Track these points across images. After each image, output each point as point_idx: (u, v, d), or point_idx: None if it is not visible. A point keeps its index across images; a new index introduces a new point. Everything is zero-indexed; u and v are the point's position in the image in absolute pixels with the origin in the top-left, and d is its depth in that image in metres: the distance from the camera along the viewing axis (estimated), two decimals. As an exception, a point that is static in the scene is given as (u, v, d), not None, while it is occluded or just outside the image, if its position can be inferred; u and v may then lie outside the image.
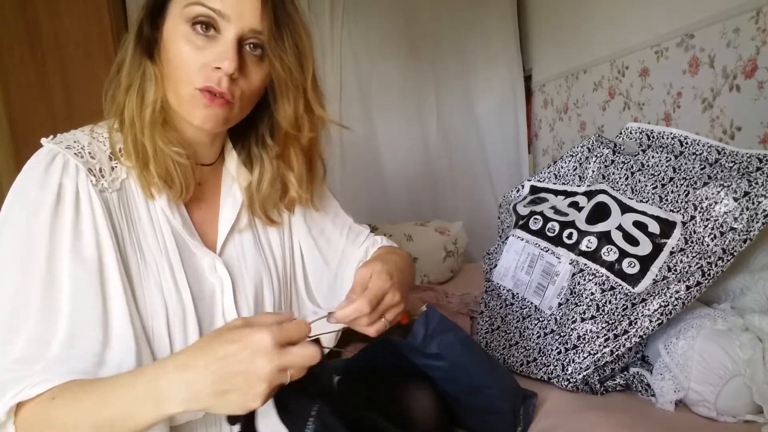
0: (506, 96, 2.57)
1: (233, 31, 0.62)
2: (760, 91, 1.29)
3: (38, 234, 0.59)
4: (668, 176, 1.13)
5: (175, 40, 0.63)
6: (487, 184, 2.61)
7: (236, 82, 0.64)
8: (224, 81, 0.62)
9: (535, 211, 1.37)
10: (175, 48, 0.63)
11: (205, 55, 0.62)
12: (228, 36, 0.62)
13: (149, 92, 0.65)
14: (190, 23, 0.62)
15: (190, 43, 0.62)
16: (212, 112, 0.64)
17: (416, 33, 2.50)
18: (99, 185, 0.63)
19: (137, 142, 0.64)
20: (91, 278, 0.60)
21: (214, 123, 0.65)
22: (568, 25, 2.17)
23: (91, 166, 0.63)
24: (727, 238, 0.97)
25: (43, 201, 0.59)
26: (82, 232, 0.60)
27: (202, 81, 0.62)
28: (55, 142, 0.64)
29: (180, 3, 0.63)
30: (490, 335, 1.29)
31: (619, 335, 1.01)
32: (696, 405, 0.93)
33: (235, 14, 0.61)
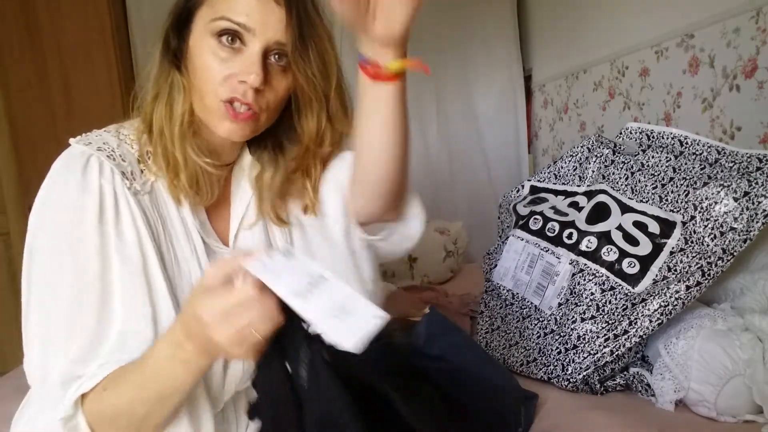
0: (506, 96, 2.57)
1: (259, 44, 0.62)
2: (760, 91, 1.29)
3: (88, 238, 0.60)
4: (668, 176, 1.13)
5: (200, 53, 0.64)
6: (487, 184, 2.61)
7: (262, 94, 0.64)
8: (250, 93, 0.63)
9: (535, 211, 1.37)
10: (201, 60, 0.64)
11: (230, 66, 0.63)
12: (253, 49, 0.62)
13: (177, 103, 0.65)
14: (216, 36, 0.63)
15: (216, 55, 0.63)
16: (238, 126, 0.65)
17: (416, 33, 2.46)
18: (132, 188, 0.64)
19: (167, 151, 0.65)
20: (137, 279, 0.61)
21: (240, 135, 0.66)
22: (568, 25, 2.17)
23: (123, 169, 0.64)
24: (727, 238, 0.97)
25: (86, 204, 0.60)
26: (124, 234, 0.62)
27: (227, 93, 0.63)
28: (85, 143, 0.64)
29: (205, 17, 0.64)
30: (490, 335, 1.29)
31: (619, 335, 1.01)
32: (696, 405, 0.93)
33: (260, 28, 0.62)
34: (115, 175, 0.63)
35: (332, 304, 0.48)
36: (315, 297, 0.48)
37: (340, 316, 0.47)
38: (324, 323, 0.47)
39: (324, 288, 0.49)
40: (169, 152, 0.65)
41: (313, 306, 0.48)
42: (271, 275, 0.49)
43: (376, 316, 0.48)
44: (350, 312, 0.48)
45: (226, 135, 0.65)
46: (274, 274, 0.49)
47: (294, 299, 0.48)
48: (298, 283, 0.49)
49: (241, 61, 0.63)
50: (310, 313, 0.47)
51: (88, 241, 0.60)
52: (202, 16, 0.64)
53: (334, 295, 0.49)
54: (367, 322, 0.47)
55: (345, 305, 0.48)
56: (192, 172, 0.66)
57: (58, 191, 0.62)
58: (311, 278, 0.50)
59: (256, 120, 0.66)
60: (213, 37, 0.63)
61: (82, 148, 0.64)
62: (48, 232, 0.61)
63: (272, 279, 0.48)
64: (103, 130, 0.68)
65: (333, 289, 0.50)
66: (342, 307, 0.48)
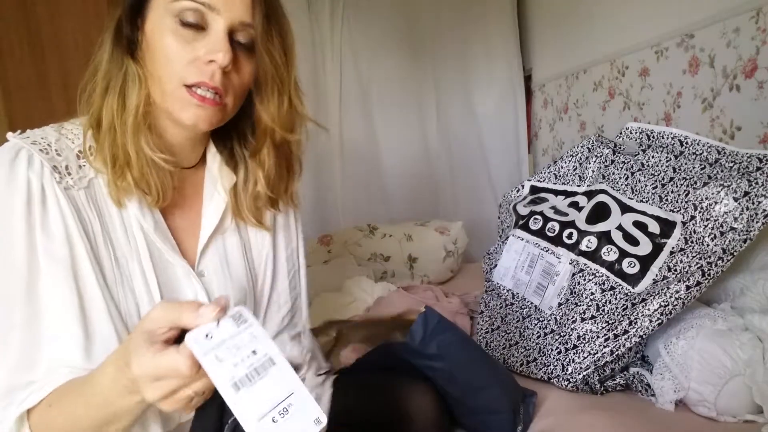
0: (506, 96, 2.57)
1: (223, 22, 0.60)
2: (760, 91, 1.29)
3: (16, 237, 0.57)
4: (668, 176, 1.13)
5: (160, 36, 0.60)
6: (487, 184, 2.61)
7: (228, 77, 0.62)
8: (217, 75, 0.60)
9: (535, 211, 1.37)
10: (161, 44, 0.60)
11: (195, 48, 0.60)
12: (218, 28, 0.60)
13: (132, 94, 0.61)
14: (177, 18, 0.59)
15: (178, 36, 0.60)
16: (205, 112, 0.62)
17: (416, 32, 2.50)
18: (63, 182, 0.60)
19: (116, 147, 0.61)
20: (65, 277, 0.59)
21: (206, 123, 0.63)
22: (568, 25, 2.17)
23: (57, 163, 0.61)
24: (727, 238, 0.97)
25: (14, 200, 0.58)
26: (52, 231, 0.59)
27: (194, 77, 0.60)
28: (22, 137, 0.62)
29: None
30: (490, 335, 1.29)
31: (619, 335, 1.01)
32: (696, 405, 0.93)
33: (224, 6, 0.60)
34: (45, 168, 0.59)
35: (271, 400, 0.44)
36: (255, 388, 0.44)
37: (276, 418, 0.44)
38: (255, 425, 0.43)
39: (268, 376, 0.45)
40: (118, 147, 0.61)
41: (249, 401, 0.43)
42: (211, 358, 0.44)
43: (316, 421, 0.45)
44: (289, 413, 0.44)
45: (192, 122, 0.62)
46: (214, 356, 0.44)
47: (230, 391, 0.43)
48: (239, 369, 0.44)
49: (206, 41, 0.60)
50: (242, 410, 0.43)
51: (17, 243, 0.57)
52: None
53: (277, 386, 0.45)
54: (304, 428, 0.44)
55: (286, 403, 0.45)
56: (141, 170, 0.62)
57: None
58: (257, 360, 0.45)
59: (223, 107, 0.63)
60: (174, 19, 0.59)
61: (15, 140, 0.61)
62: None
63: (211, 363, 0.44)
64: (49, 126, 0.65)
65: (277, 378, 0.45)
66: (281, 406, 0.44)
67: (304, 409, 0.45)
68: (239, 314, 0.47)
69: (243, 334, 0.46)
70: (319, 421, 0.45)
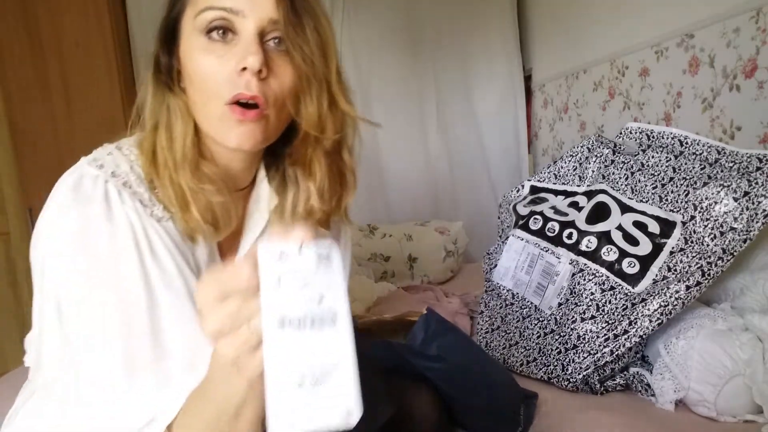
0: (506, 96, 2.57)
1: (251, 24, 0.56)
2: (760, 91, 1.29)
3: (130, 277, 0.55)
4: (668, 176, 1.13)
5: (192, 57, 0.58)
6: (487, 184, 2.61)
7: (267, 83, 0.57)
8: (253, 83, 0.56)
9: (535, 211, 1.37)
10: (194, 64, 0.58)
11: (228, 61, 0.56)
12: (247, 32, 0.56)
13: (177, 128, 0.60)
14: (205, 32, 0.57)
15: (210, 53, 0.57)
16: (247, 128, 0.57)
17: (416, 32, 2.50)
18: (154, 215, 0.58)
19: (174, 183, 0.59)
20: (186, 307, 0.57)
21: (251, 141, 0.58)
22: (568, 25, 2.17)
23: (141, 197, 0.58)
24: (727, 238, 0.97)
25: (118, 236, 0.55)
26: (163, 263, 0.57)
27: (230, 91, 0.56)
28: (98, 165, 0.58)
29: (190, 17, 0.58)
30: (490, 335, 1.29)
31: (619, 335, 1.01)
32: (696, 405, 0.93)
33: (248, 8, 0.56)
34: (136, 203, 0.57)
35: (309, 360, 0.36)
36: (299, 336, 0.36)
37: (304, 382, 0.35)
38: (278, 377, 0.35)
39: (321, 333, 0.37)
40: (174, 183, 0.59)
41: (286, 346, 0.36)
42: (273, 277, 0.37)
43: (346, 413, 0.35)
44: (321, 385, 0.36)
45: (236, 143, 0.58)
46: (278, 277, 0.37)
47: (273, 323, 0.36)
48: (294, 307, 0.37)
49: (237, 50, 0.56)
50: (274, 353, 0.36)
51: (131, 280, 0.54)
52: (187, 17, 0.59)
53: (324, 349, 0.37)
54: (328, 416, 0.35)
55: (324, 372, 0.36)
56: (204, 202, 0.59)
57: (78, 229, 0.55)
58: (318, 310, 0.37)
59: (265, 120, 0.58)
60: (202, 35, 0.57)
61: (95, 172, 0.57)
62: (80, 283, 0.54)
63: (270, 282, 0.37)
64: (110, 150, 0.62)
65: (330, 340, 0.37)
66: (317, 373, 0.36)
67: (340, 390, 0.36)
68: (328, 255, 0.39)
69: (319, 275, 0.38)
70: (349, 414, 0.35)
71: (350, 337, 0.37)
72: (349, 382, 0.36)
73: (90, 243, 0.54)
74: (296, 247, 0.38)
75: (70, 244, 0.54)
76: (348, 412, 0.35)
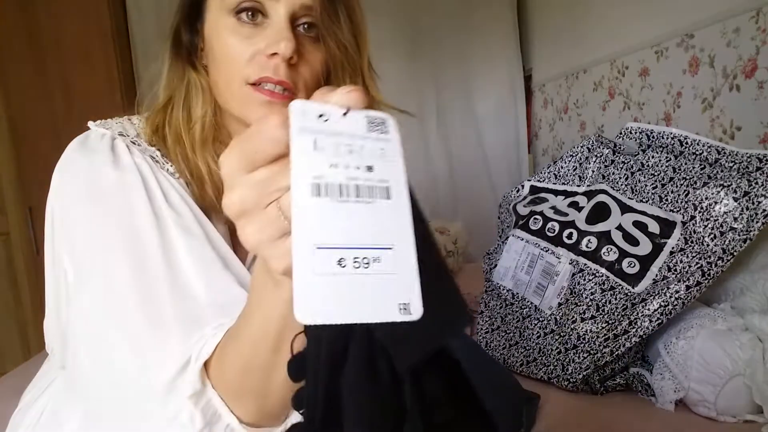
0: (506, 96, 2.57)
1: (283, 9, 0.54)
2: (760, 91, 1.29)
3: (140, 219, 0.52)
4: (668, 176, 1.13)
5: (219, 36, 0.56)
6: (487, 184, 2.61)
7: (296, 69, 0.56)
8: (282, 68, 0.54)
9: (534, 211, 1.37)
10: (220, 44, 0.56)
11: (255, 43, 0.54)
12: (278, 17, 0.55)
13: (197, 105, 0.58)
14: (234, 13, 0.55)
15: (237, 34, 0.55)
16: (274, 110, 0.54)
17: (416, 33, 2.50)
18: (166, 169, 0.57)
19: (189, 161, 0.58)
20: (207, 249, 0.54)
21: None
22: (568, 25, 2.17)
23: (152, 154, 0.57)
24: (727, 238, 0.97)
25: (127, 181, 0.53)
26: (180, 210, 0.54)
27: (257, 73, 0.54)
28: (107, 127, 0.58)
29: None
30: (490, 335, 1.29)
31: (619, 335, 1.01)
32: (696, 405, 0.93)
33: None
34: (146, 157, 0.56)
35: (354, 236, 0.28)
36: (340, 208, 0.28)
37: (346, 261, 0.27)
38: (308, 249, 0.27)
39: (371, 206, 0.29)
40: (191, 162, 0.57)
41: (320, 217, 0.27)
42: (307, 139, 0.28)
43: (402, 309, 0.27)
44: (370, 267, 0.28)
45: None
46: (313, 140, 0.29)
47: (303, 190, 0.27)
48: (334, 173, 0.28)
49: (267, 33, 0.55)
50: (303, 224, 0.27)
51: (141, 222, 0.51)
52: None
53: (375, 225, 0.28)
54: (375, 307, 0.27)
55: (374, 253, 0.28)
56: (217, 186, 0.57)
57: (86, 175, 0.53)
58: (367, 179, 0.29)
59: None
60: (231, 15, 0.55)
61: (101, 130, 0.57)
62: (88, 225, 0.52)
63: (302, 145, 0.28)
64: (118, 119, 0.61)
65: (383, 215, 0.29)
66: (365, 253, 0.28)
67: (395, 277, 0.28)
68: (382, 120, 0.32)
69: (370, 141, 0.30)
70: (406, 308, 0.27)
71: (408, 215, 0.30)
72: (407, 267, 0.28)
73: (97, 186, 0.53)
74: (341, 109, 0.30)
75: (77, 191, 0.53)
76: (404, 306, 0.28)
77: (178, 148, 0.57)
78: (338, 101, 0.30)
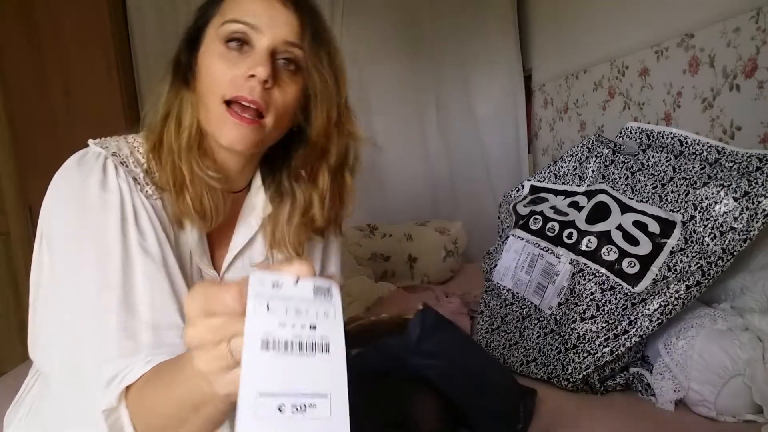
0: (506, 96, 2.57)
1: (266, 41, 0.63)
2: (760, 91, 1.29)
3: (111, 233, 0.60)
4: (668, 176, 1.13)
5: (209, 60, 0.64)
6: (487, 184, 2.61)
7: (270, 93, 0.63)
8: (257, 89, 0.61)
9: (535, 210, 1.37)
10: (207, 66, 0.64)
11: (238, 67, 0.62)
12: (261, 46, 0.63)
13: (186, 117, 0.66)
14: (224, 41, 0.63)
15: (224, 58, 0.63)
16: (242, 131, 0.63)
17: (416, 33, 2.50)
18: (144, 192, 0.64)
19: (175, 167, 0.65)
20: (159, 269, 0.61)
21: (243, 143, 0.63)
22: (568, 25, 2.17)
23: (135, 175, 0.65)
24: (727, 237, 0.97)
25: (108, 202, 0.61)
26: (145, 232, 0.62)
27: (232, 92, 0.62)
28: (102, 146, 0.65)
29: (215, 25, 0.64)
30: (490, 335, 1.29)
31: (619, 335, 1.01)
32: (696, 405, 0.93)
33: (267, 26, 0.63)
34: (128, 178, 0.63)
35: (294, 385, 0.33)
36: (285, 360, 0.34)
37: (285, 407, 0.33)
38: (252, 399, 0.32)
39: (312, 359, 0.35)
40: (176, 167, 0.65)
41: (267, 368, 0.33)
42: (261, 302, 0.35)
43: None
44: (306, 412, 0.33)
45: (229, 142, 0.63)
46: (266, 303, 0.35)
47: (254, 344, 0.34)
48: (283, 331, 0.35)
49: (249, 60, 0.62)
50: (252, 373, 0.33)
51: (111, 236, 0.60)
52: (213, 26, 0.65)
53: (314, 376, 0.34)
54: None
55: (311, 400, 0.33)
56: (197, 191, 0.65)
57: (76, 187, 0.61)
58: (310, 336, 0.35)
59: (261, 126, 0.63)
60: (221, 43, 0.63)
61: (98, 149, 0.64)
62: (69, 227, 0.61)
63: (256, 307, 0.35)
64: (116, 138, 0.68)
65: (322, 368, 0.34)
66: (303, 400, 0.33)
67: (330, 420, 0.33)
68: (328, 289, 0.38)
69: (315, 305, 0.37)
70: None
71: (344, 367, 0.35)
72: (340, 414, 0.34)
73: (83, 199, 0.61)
74: (292, 278, 0.37)
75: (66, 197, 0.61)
76: None
77: (169, 157, 0.65)
78: (291, 271, 0.37)
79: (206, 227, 0.68)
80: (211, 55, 0.64)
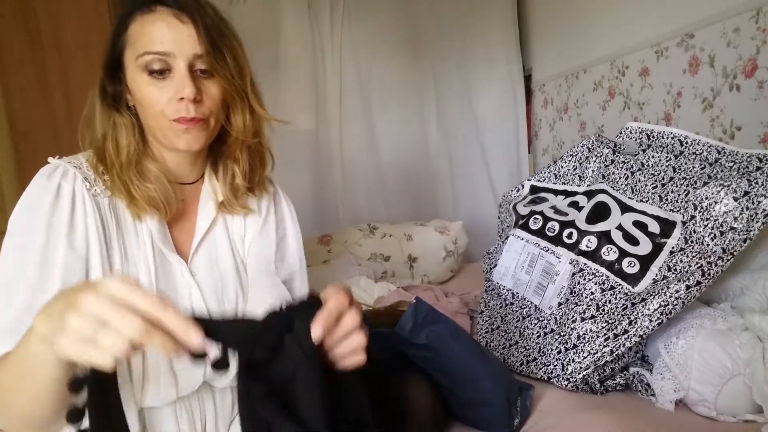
0: (506, 96, 2.57)
1: (182, 62, 0.72)
2: (760, 90, 1.29)
3: (36, 224, 0.69)
4: (668, 176, 1.13)
5: (139, 88, 0.73)
6: (487, 184, 2.61)
7: (202, 103, 0.74)
8: (191, 107, 0.72)
9: (535, 210, 1.37)
10: (141, 93, 0.73)
11: (167, 91, 0.72)
12: (180, 69, 0.72)
13: (122, 139, 0.76)
14: (147, 72, 0.72)
15: (152, 85, 0.73)
16: (192, 134, 0.74)
17: (416, 32, 2.50)
18: (92, 190, 0.74)
19: (121, 179, 0.75)
20: (79, 265, 0.70)
21: (197, 143, 0.75)
22: (568, 25, 2.17)
23: (87, 176, 0.74)
24: (727, 237, 0.97)
25: (43, 199, 0.70)
26: (76, 227, 0.71)
27: (173, 113, 0.72)
28: (66, 161, 0.75)
29: (131, 56, 0.73)
30: (490, 335, 1.29)
31: (619, 335, 1.01)
32: (696, 405, 0.93)
33: (177, 48, 0.71)
34: (77, 178, 0.72)
35: None
36: None
37: None
38: None
39: None
40: (121, 179, 0.75)
41: None
42: None
43: None
44: None
45: (186, 146, 0.74)
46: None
47: None
48: None
49: (173, 82, 0.72)
50: None
51: (37, 227, 0.69)
52: (129, 56, 0.74)
53: None
54: None
55: None
56: (146, 194, 0.75)
57: (24, 195, 0.72)
58: None
59: (206, 124, 0.75)
60: (144, 73, 0.72)
61: (54, 161, 0.75)
62: (13, 224, 0.71)
63: None
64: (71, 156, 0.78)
65: None
66: None
67: None
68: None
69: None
70: None
71: None
72: None
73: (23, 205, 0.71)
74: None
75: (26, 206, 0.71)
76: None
77: (113, 170, 0.75)
78: None
79: (164, 216, 0.78)
80: (139, 84, 0.73)
